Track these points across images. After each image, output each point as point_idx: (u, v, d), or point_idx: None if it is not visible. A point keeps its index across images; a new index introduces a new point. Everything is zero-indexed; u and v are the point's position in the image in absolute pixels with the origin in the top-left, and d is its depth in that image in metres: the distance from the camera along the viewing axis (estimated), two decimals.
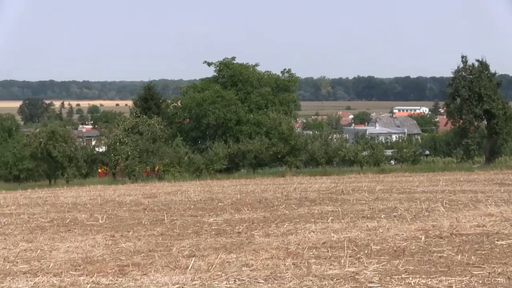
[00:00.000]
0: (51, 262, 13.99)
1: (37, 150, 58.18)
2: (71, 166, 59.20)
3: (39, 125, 69.80)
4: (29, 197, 35.61)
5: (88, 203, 29.01)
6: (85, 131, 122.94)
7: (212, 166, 57.28)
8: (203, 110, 70.87)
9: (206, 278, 11.54)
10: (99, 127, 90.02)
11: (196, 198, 29.37)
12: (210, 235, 17.21)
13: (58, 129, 61.04)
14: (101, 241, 17.00)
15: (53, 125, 66.15)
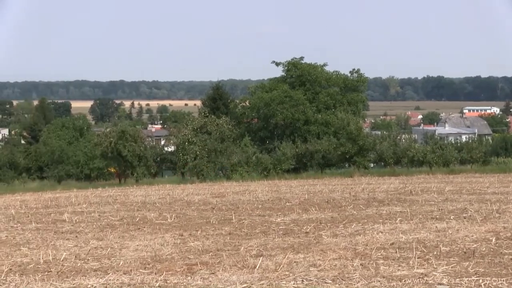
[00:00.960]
0: (121, 260, 14.17)
1: (108, 150, 59.01)
2: (141, 165, 59.89)
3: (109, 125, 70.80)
4: (100, 196, 36.13)
5: (157, 202, 29.28)
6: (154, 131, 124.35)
7: (280, 166, 57.32)
8: (271, 110, 70.93)
9: (274, 278, 11.55)
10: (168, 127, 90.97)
11: (264, 198, 29.39)
12: (277, 235, 17.20)
13: (128, 128, 61.79)
14: (170, 240, 17.14)
15: (123, 124, 66.96)
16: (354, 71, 78.00)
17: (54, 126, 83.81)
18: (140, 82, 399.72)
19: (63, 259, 14.49)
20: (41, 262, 14.22)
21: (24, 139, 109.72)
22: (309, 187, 36.88)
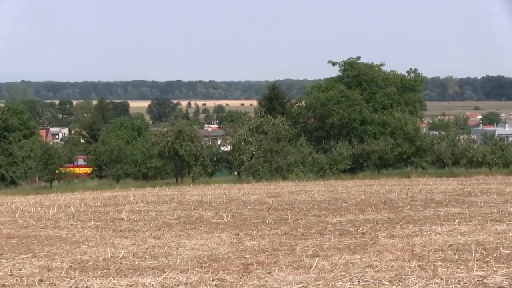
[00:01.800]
0: (177, 259, 14.27)
1: (165, 149, 59.53)
2: (197, 164, 60.27)
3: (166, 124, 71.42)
4: (157, 195, 36.44)
5: (213, 202, 29.42)
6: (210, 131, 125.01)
7: (336, 166, 57.13)
8: (328, 110, 70.70)
9: (330, 278, 11.52)
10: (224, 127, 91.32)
11: (320, 198, 29.33)
12: (333, 235, 17.15)
13: (185, 128, 62.25)
14: (226, 239, 17.21)
15: (180, 124, 67.49)
16: (411, 70, 77.36)
17: (112, 126, 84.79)
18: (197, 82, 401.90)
19: (122, 257, 14.65)
20: (100, 260, 14.40)
21: (83, 138, 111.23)
22: (365, 187, 36.68)
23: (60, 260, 14.62)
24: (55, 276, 12.79)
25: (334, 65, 76.72)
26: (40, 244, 17.32)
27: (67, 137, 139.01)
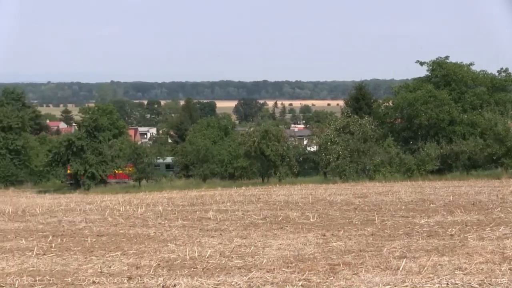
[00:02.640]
0: (264, 259, 14.31)
1: (251, 149, 59.80)
2: (283, 164, 60.35)
3: (253, 124, 71.75)
4: (243, 195, 36.65)
5: (299, 202, 29.41)
6: (297, 131, 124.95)
7: (423, 167, 56.39)
8: (415, 110, 69.78)
9: (418, 280, 11.37)
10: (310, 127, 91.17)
11: (407, 199, 29.00)
12: (421, 237, 16.92)
13: (271, 128, 62.40)
14: (312, 239, 17.17)
15: (266, 124, 67.70)
16: (502, 70, 75.70)
17: (199, 126, 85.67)
18: (283, 82, 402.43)
19: (208, 256, 14.78)
20: (187, 259, 14.55)
21: (171, 138, 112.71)
22: (454, 188, 36.09)
23: (149, 258, 14.84)
24: (143, 274, 12.99)
25: (422, 65, 75.66)
26: (129, 242, 17.61)
27: (155, 137, 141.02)
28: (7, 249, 16.73)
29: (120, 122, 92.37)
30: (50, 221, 23.94)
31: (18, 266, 14.24)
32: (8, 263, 14.65)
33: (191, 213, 25.26)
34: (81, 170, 63.95)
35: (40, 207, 32.28)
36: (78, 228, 21.23)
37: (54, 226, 22.29)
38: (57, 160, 65.59)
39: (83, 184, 64.39)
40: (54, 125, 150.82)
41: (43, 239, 18.46)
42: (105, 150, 67.13)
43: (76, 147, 64.37)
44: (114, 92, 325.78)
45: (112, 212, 27.12)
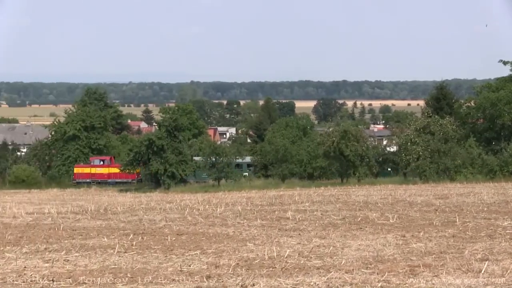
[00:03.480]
0: (342, 259, 14.24)
1: (330, 149, 59.58)
2: (363, 165, 59.95)
3: (332, 124, 71.38)
4: (322, 195, 36.55)
5: (379, 202, 29.19)
6: (376, 131, 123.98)
7: (507, 168, 55.24)
8: (498, 110, 68.42)
9: (500, 283, 11.16)
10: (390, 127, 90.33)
11: (490, 201, 28.47)
12: (504, 239, 16.59)
13: (351, 128, 62.05)
14: (392, 240, 17.02)
15: (345, 124, 67.30)
16: None
17: (278, 126, 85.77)
18: (363, 82, 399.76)
19: (287, 256, 14.78)
20: (266, 258, 14.58)
21: (250, 138, 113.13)
22: None
23: (228, 257, 14.92)
24: (222, 273, 13.07)
25: (505, 64, 74.16)
26: (208, 241, 17.75)
27: (234, 137, 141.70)
28: (89, 246, 17.05)
29: (200, 122, 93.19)
30: (131, 220, 24.31)
31: (100, 263, 14.49)
32: (91, 260, 14.94)
33: (270, 213, 25.31)
34: (161, 169, 64.71)
35: (121, 206, 32.82)
36: (158, 227, 21.50)
37: (135, 224, 22.63)
38: (138, 160, 66.53)
39: (163, 183, 65.18)
40: (135, 124, 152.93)
41: (124, 237, 18.75)
42: (184, 150, 67.78)
43: (157, 146, 65.14)
44: (194, 92, 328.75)
45: (191, 211, 27.39)
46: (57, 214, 27.89)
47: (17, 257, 15.58)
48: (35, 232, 20.66)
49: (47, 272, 13.49)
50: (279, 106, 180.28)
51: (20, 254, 16.00)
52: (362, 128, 79.97)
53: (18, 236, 19.61)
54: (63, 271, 13.61)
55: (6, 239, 18.93)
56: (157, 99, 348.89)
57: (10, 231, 20.94)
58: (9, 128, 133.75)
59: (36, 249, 16.77)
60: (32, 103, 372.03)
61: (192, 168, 67.07)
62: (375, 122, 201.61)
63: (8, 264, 14.60)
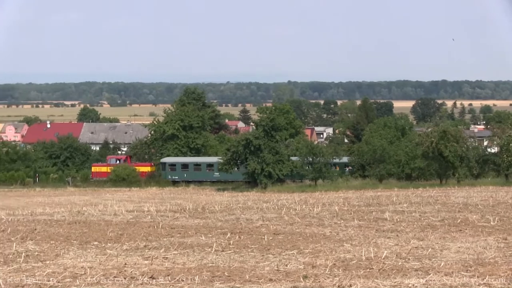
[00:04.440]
0: (441, 261, 14.02)
1: (429, 150, 58.75)
2: (462, 166, 58.86)
3: (431, 125, 70.29)
4: (420, 196, 36.08)
5: (479, 204, 28.62)
6: (476, 131, 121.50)
7: None
8: None
9: None
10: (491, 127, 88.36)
11: None
12: None
13: (450, 129, 61.04)
14: (493, 243, 16.65)
15: (444, 124, 66.23)
16: None
17: (376, 126, 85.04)
18: (463, 81, 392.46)
19: (384, 257, 14.65)
20: (363, 259, 14.48)
21: (347, 138, 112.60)
22: None
23: (324, 257, 14.88)
24: (319, 273, 13.04)
25: None
26: (305, 241, 17.74)
27: (331, 137, 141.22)
28: (188, 244, 17.27)
29: (297, 122, 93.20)
30: (228, 219, 24.52)
31: (198, 261, 14.66)
32: (189, 258, 15.13)
33: (367, 214, 25.13)
34: (258, 169, 65.08)
35: (219, 205, 33.14)
36: (255, 226, 21.61)
37: (232, 223, 22.81)
38: (235, 159, 67.08)
39: (259, 183, 65.53)
40: (232, 124, 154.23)
41: (221, 236, 18.92)
42: (281, 149, 67.92)
43: (254, 146, 65.55)
44: (291, 92, 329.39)
45: (288, 211, 27.43)
46: (156, 212, 28.38)
47: (118, 253, 15.92)
48: (135, 229, 21.07)
49: (146, 269, 13.73)
50: (376, 106, 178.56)
51: (120, 251, 16.34)
52: (462, 129, 78.47)
53: (119, 233, 20.03)
54: (162, 269, 13.83)
55: (107, 236, 19.37)
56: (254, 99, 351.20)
57: (111, 228, 21.42)
58: (110, 127, 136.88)
59: (136, 246, 17.09)
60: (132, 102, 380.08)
61: (289, 167, 67.15)
62: (476, 123, 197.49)
63: (109, 260, 14.94)
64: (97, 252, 16.24)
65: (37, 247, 17.11)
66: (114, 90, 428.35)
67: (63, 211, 30.72)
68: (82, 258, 15.23)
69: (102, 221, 24.03)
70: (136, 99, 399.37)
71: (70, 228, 21.81)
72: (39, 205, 42.54)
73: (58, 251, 16.35)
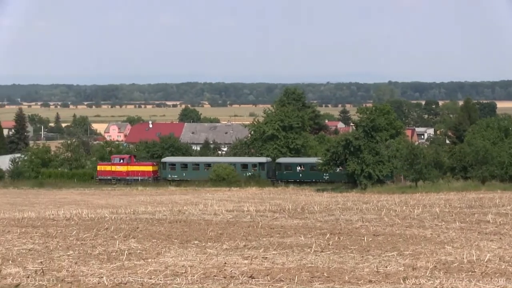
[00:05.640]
0: None
1: None
2: None
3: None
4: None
5: None
6: None
7: None
8: None
9: None
10: None
11: None
12: None
13: None
14: None
15: None
16: None
17: (478, 127, 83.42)
18: None
19: (487, 260, 14.36)
20: (465, 262, 14.23)
21: (449, 139, 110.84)
22: None
23: (425, 259, 14.69)
24: (419, 275, 12.89)
25: None
26: (405, 242, 17.55)
27: (432, 137, 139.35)
28: (287, 244, 17.32)
29: (397, 122, 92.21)
30: (327, 219, 24.46)
31: (297, 261, 14.69)
32: (288, 258, 15.17)
33: (469, 216, 24.66)
34: (358, 169, 64.78)
35: (318, 205, 33.10)
36: (354, 227, 21.50)
37: (331, 224, 22.75)
38: (334, 159, 66.95)
39: (359, 184, 65.21)
40: (332, 124, 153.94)
41: (321, 237, 18.90)
42: (382, 150, 67.38)
43: (354, 146, 65.29)
44: (392, 92, 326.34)
45: (388, 212, 27.17)
46: (256, 212, 28.57)
47: (218, 253, 16.09)
48: (234, 229, 21.25)
49: (246, 269, 13.84)
50: (479, 106, 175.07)
51: (220, 250, 16.51)
52: None
53: (219, 232, 20.24)
54: (261, 268, 13.91)
55: (207, 235, 19.60)
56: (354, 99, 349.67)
57: (211, 227, 21.67)
58: (211, 127, 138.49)
59: (236, 246, 17.24)
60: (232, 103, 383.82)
61: (389, 169, 66.57)
62: None
63: (210, 259, 15.12)
64: (197, 251, 16.46)
65: (139, 245, 17.46)
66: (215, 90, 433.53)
67: (165, 210, 31.28)
68: (183, 257, 15.47)
69: (203, 221, 24.33)
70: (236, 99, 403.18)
71: (171, 227, 22.18)
72: (141, 204, 43.43)
73: (160, 250, 16.65)
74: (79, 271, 13.81)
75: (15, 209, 41.09)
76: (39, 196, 63.30)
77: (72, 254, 16.13)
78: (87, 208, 37.47)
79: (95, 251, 16.50)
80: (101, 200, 55.60)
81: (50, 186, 76.44)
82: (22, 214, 30.00)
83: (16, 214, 31.54)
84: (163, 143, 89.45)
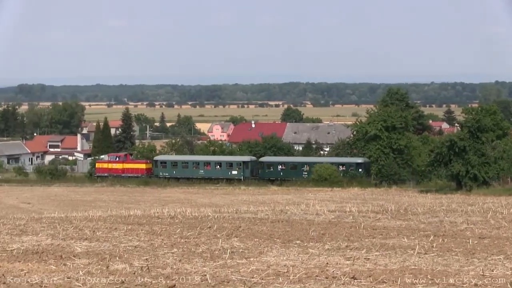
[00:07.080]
0: None
1: None
2: None
3: None
4: None
5: None
6: None
7: None
8: None
9: None
10: None
11: None
12: None
13: None
14: None
15: None
16: None
17: None
18: None
19: None
20: None
21: None
22: None
23: None
24: None
25: None
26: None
27: None
28: (389, 246, 17.15)
29: (504, 123, 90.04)
30: (431, 221, 24.08)
31: (400, 263, 14.53)
32: (391, 260, 15.02)
33: None
34: (463, 171, 63.63)
35: (421, 207, 32.62)
36: (459, 229, 21.10)
37: (435, 226, 22.39)
38: (438, 160, 65.93)
39: (464, 185, 64.01)
40: (436, 125, 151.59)
41: (424, 238, 18.63)
42: (488, 151, 65.94)
43: (458, 147, 64.14)
44: (498, 92, 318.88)
45: (494, 214, 26.56)
46: (358, 212, 28.38)
47: (320, 253, 16.07)
48: (336, 229, 21.18)
49: (348, 270, 13.78)
50: None
51: (322, 251, 16.48)
52: None
53: (321, 233, 20.21)
54: (363, 269, 13.82)
55: (309, 235, 19.60)
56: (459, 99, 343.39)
57: (313, 227, 21.65)
58: (313, 127, 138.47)
59: (338, 246, 17.18)
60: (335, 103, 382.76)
61: (495, 170, 65.08)
62: None
63: (311, 259, 15.11)
64: (299, 251, 16.47)
65: (241, 244, 17.60)
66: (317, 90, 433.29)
67: (267, 209, 31.42)
68: (285, 257, 15.51)
69: (304, 221, 24.33)
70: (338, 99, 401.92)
71: (273, 226, 22.27)
72: (243, 203, 43.79)
73: (262, 249, 16.73)
74: (183, 269, 14.03)
75: (122, 207, 42.13)
76: (145, 195, 64.71)
77: (176, 251, 16.39)
78: (190, 207, 38.02)
79: (199, 249, 16.72)
80: (204, 199, 56.36)
81: (155, 185, 77.96)
82: (128, 212, 30.68)
83: (122, 211, 32.30)
84: (265, 142, 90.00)
